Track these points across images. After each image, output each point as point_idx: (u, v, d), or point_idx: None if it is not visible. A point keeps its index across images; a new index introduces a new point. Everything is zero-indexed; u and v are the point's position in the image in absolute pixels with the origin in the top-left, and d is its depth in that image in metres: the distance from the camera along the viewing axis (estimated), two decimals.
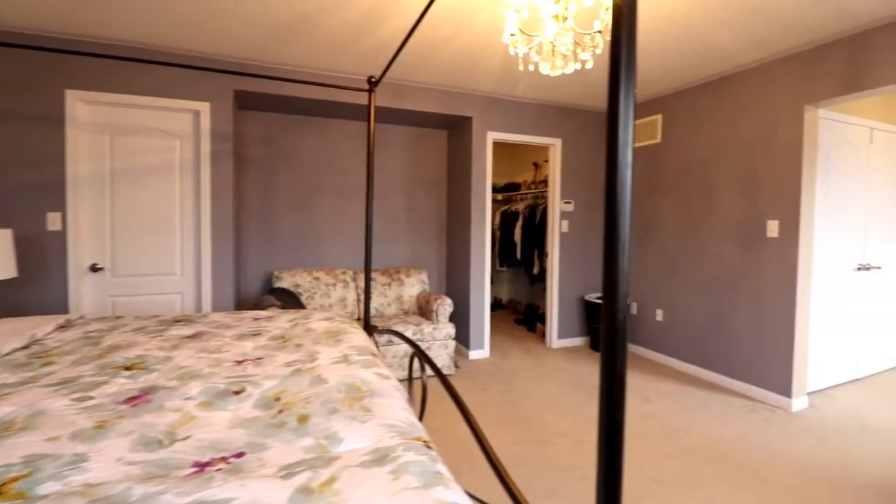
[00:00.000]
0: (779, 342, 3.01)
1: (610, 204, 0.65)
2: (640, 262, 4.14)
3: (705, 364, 3.51)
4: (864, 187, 3.46)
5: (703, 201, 3.56)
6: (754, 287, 3.17)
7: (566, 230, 4.33)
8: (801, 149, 2.91)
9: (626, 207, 0.65)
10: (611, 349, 0.66)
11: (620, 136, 0.65)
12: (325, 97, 3.35)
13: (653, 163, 4.03)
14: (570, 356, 4.06)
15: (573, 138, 4.35)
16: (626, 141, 0.65)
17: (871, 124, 3.49)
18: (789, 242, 2.96)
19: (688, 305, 3.67)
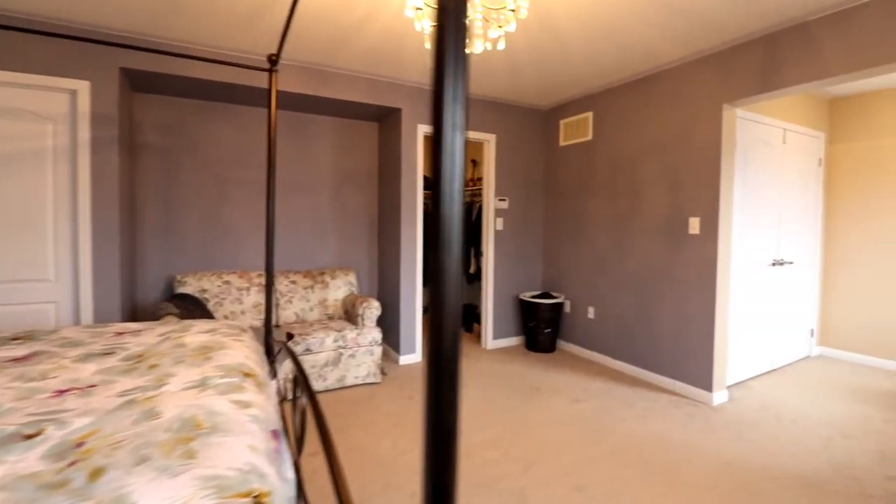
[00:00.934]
0: (700, 337, 3.05)
1: (437, 198, 0.47)
2: (573, 260, 4.12)
3: (634, 360, 3.52)
4: (777, 186, 3.61)
5: (631, 199, 3.57)
6: (678, 283, 3.20)
7: (501, 228, 4.23)
8: (719, 147, 2.95)
9: (454, 202, 0.47)
10: (436, 388, 0.47)
11: (447, 119, 0.47)
12: (232, 79, 3.02)
13: (585, 160, 4.01)
14: (504, 357, 3.96)
15: (508, 134, 4.25)
16: (454, 124, 0.47)
17: (785, 125, 3.64)
18: (709, 239, 3.00)
19: (617, 302, 3.68)
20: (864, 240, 3.89)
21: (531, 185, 4.42)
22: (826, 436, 2.54)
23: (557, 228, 4.31)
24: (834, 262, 4.07)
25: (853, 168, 3.96)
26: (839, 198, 4.05)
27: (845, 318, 4.00)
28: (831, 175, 4.10)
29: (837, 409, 2.92)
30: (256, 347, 1.76)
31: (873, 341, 3.83)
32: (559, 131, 4.30)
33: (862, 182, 3.91)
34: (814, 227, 4.02)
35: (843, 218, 4.02)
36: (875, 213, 3.83)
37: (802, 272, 3.94)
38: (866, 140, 3.88)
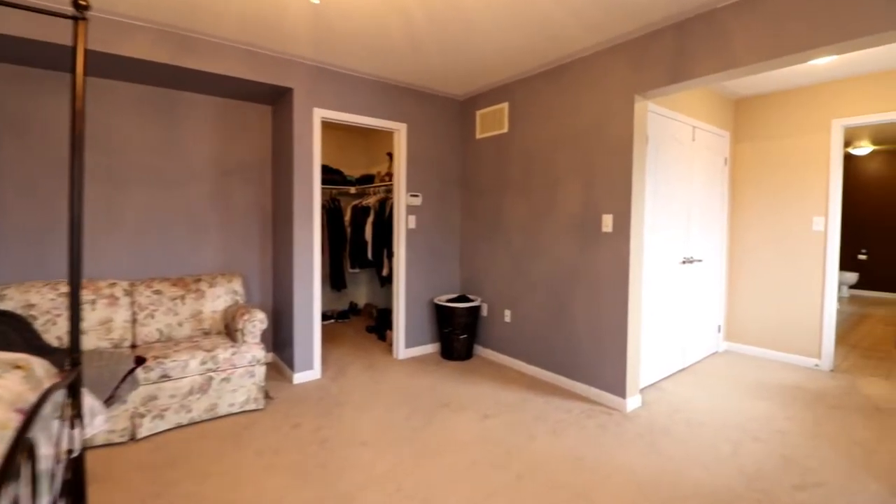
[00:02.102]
0: (613, 340, 2.89)
1: None
2: (490, 260, 3.86)
3: (549, 366, 3.33)
4: (687, 184, 3.58)
5: (546, 195, 3.36)
6: (592, 284, 3.03)
7: (414, 226, 3.88)
8: (631, 141, 2.80)
9: None
10: None
11: None
12: (47, 36, 2.37)
13: (501, 154, 3.76)
14: (416, 368, 3.61)
15: (421, 124, 3.90)
16: None
17: (694, 123, 3.62)
18: (622, 237, 2.84)
19: (533, 305, 3.46)
20: (764, 237, 4.00)
21: (447, 180, 4.11)
22: (735, 440, 2.45)
23: (475, 226, 4.04)
24: (737, 259, 4.17)
25: (755, 167, 4.07)
26: (742, 196, 4.15)
27: (748, 314, 4.11)
28: (735, 174, 4.19)
29: (744, 407, 2.89)
30: (21, 393, 1.24)
31: (772, 335, 3.95)
32: (475, 123, 4.02)
33: (762, 180, 4.02)
34: (720, 225, 4.08)
35: (746, 216, 4.12)
36: (773, 210, 3.95)
37: (711, 270, 3.97)
38: (767, 139, 3.99)
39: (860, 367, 3.73)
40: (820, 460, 2.25)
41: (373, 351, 4.05)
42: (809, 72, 3.42)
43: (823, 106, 3.66)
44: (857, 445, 2.40)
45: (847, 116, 3.54)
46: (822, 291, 3.68)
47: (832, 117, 3.62)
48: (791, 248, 3.85)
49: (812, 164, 3.73)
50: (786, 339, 3.87)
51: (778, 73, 3.48)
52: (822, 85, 3.67)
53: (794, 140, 3.82)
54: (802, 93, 3.77)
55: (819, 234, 3.70)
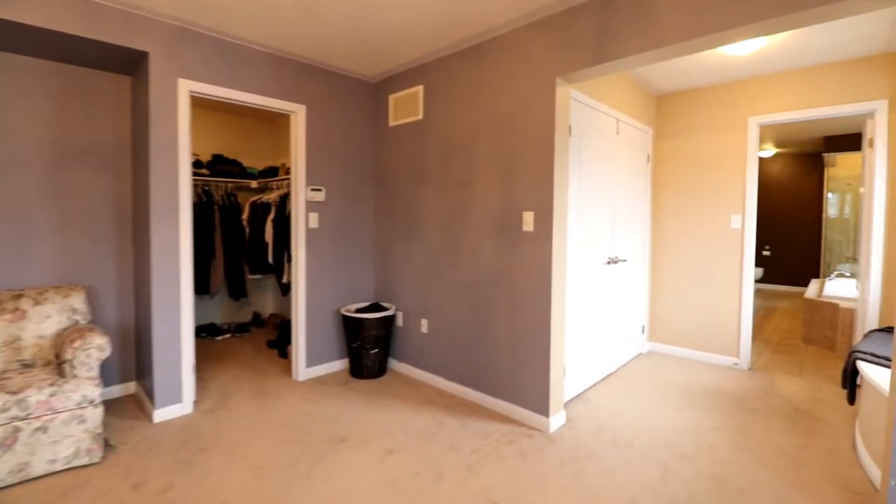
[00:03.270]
0: (535, 352, 2.58)
1: None
2: (407, 263, 3.43)
3: (469, 382, 2.97)
4: (612, 180, 3.38)
5: (465, 190, 2.99)
6: (513, 288, 2.70)
7: (316, 225, 3.35)
8: (552, 129, 2.49)
9: None
10: None
11: None
12: None
13: (416, 143, 3.34)
14: (318, 391, 3.10)
15: (324, 108, 3.38)
16: None
17: (618, 115, 3.43)
18: (544, 236, 2.53)
19: (451, 313, 3.08)
20: (685, 235, 3.94)
21: (358, 173, 3.62)
22: (664, 461, 2.22)
23: (390, 226, 3.58)
24: (660, 258, 4.09)
25: (676, 164, 3.99)
26: (664, 194, 4.06)
27: (670, 314, 4.03)
28: (657, 171, 4.10)
29: (670, 417, 2.70)
30: None
31: (693, 335, 3.89)
32: (389, 109, 3.57)
33: (683, 178, 3.95)
34: (644, 224, 3.96)
35: (668, 214, 4.04)
36: (693, 208, 3.89)
37: (635, 270, 3.84)
38: (687, 137, 3.92)
39: (774, 364, 3.76)
40: (750, 479, 2.06)
41: (269, 371, 3.47)
42: (727, 66, 3.34)
43: (740, 103, 3.63)
44: (784, 457, 2.26)
45: (762, 114, 3.52)
46: (740, 289, 3.65)
47: (748, 115, 3.59)
48: (710, 246, 3.80)
49: (730, 161, 3.69)
50: (706, 338, 3.82)
51: (697, 68, 3.38)
52: (739, 82, 3.63)
53: (713, 138, 3.77)
54: (720, 90, 3.73)
55: (737, 231, 3.68)
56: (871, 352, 2.45)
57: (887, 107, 2.98)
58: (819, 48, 3.00)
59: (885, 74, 2.99)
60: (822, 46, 2.97)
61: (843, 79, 3.16)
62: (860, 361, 2.39)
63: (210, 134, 4.65)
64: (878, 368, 2.28)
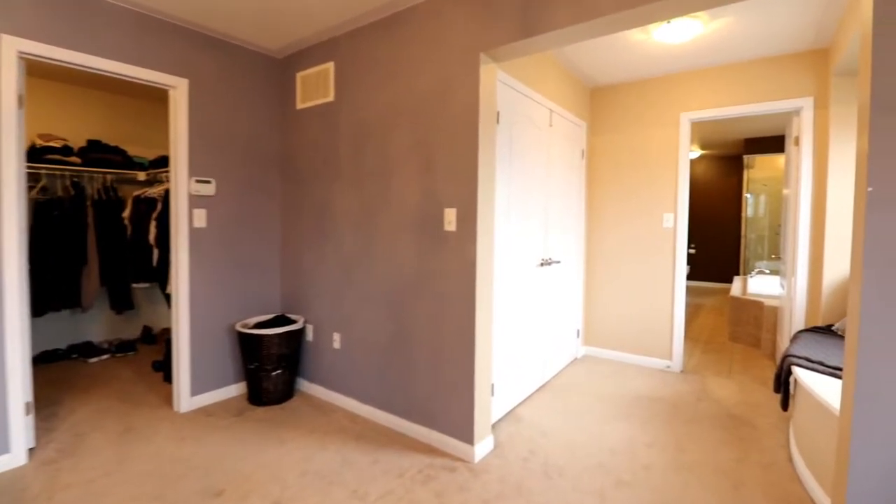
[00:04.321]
0: (459, 368, 2.24)
1: None
2: (318, 268, 2.97)
3: (385, 405, 2.57)
4: (545, 175, 3.12)
5: (381, 183, 2.59)
6: (435, 296, 2.34)
7: (203, 224, 2.80)
8: (476, 113, 2.15)
9: None
10: None
11: None
12: None
13: (327, 130, 2.89)
14: (203, 426, 2.56)
15: (214, 82, 2.83)
16: None
17: (552, 106, 3.18)
18: (467, 237, 2.19)
19: (367, 325, 2.67)
20: (619, 234, 3.79)
21: (261, 162, 3.10)
22: (599, 489, 1.96)
23: (299, 224, 3.10)
24: (594, 258, 3.92)
25: (610, 161, 3.83)
26: (598, 192, 3.90)
27: (604, 316, 3.88)
28: (592, 168, 3.93)
29: (605, 433, 2.47)
30: None
31: (626, 338, 3.76)
32: (296, 88, 3.08)
33: (617, 176, 3.80)
34: (578, 223, 3.77)
35: (602, 212, 3.88)
36: (627, 207, 3.75)
37: (569, 271, 3.63)
38: (621, 132, 3.77)
39: (705, 365, 3.70)
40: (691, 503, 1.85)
41: (145, 402, 2.86)
42: (662, 58, 3.19)
43: (673, 99, 3.52)
44: (722, 475, 2.08)
45: (694, 110, 3.43)
46: (672, 290, 3.55)
47: (681, 111, 3.48)
48: (644, 245, 3.67)
49: (663, 159, 3.58)
50: (639, 340, 3.70)
51: (632, 60, 3.20)
52: (672, 77, 3.52)
53: (646, 133, 3.64)
54: (654, 84, 3.60)
55: (669, 231, 3.57)
56: (805, 356, 2.34)
57: (813, 105, 2.96)
58: (749, 43, 2.91)
59: (812, 72, 2.96)
60: (752, 41, 2.88)
61: (771, 75, 3.11)
62: (796, 368, 2.27)
63: (87, 116, 3.89)
64: (814, 375, 2.16)
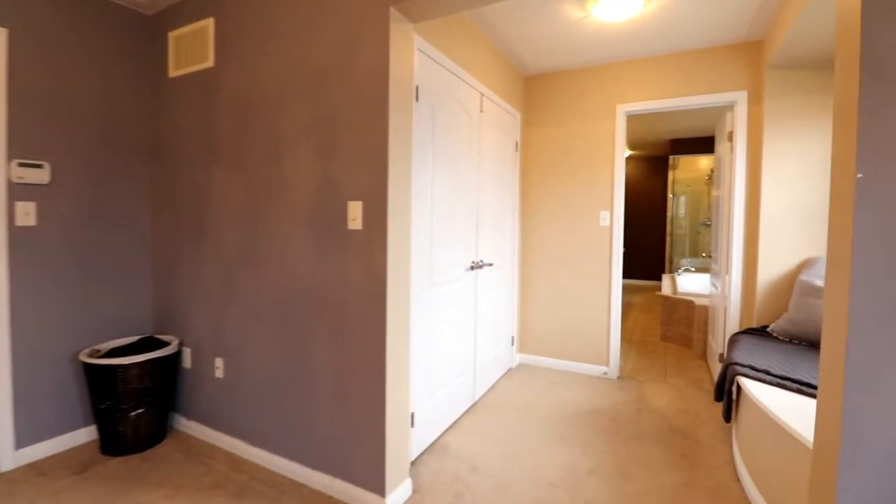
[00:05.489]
0: (367, 398, 1.80)
1: None
2: (196, 276, 2.38)
3: (278, 447, 2.07)
4: (476, 166, 2.76)
5: (271, 168, 2.08)
6: (337, 310, 1.88)
7: (32, 222, 2.12)
8: (386, 84, 1.73)
9: None
10: None
11: None
12: None
13: (206, 104, 2.31)
14: (29, 492, 1.91)
15: (51, 35, 2.16)
16: None
17: (483, 89, 2.82)
18: (376, 236, 1.76)
19: (254, 348, 2.15)
20: (555, 233, 3.54)
21: (118, 142, 2.45)
22: None
23: (173, 220, 2.48)
24: (529, 259, 3.65)
25: (545, 155, 3.57)
26: (533, 188, 3.62)
27: (540, 321, 3.62)
28: (526, 162, 3.65)
29: (543, 461, 2.16)
30: None
31: (563, 343, 3.52)
32: (168, 51, 2.47)
33: (552, 171, 3.54)
34: (512, 222, 3.47)
35: (537, 210, 3.61)
36: (563, 204, 3.50)
37: (503, 274, 3.31)
38: (556, 124, 3.51)
39: (641, 369, 3.56)
40: None
41: None
42: (598, 44, 2.95)
43: (609, 89, 3.31)
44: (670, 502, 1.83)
45: (630, 102, 3.24)
46: (609, 291, 3.35)
47: (617, 102, 3.29)
48: (580, 245, 3.45)
49: (599, 153, 3.36)
50: (576, 346, 3.47)
51: (568, 45, 2.94)
52: (608, 66, 3.31)
53: (582, 126, 3.41)
54: (590, 73, 3.38)
55: (605, 229, 3.37)
56: (749, 364, 2.17)
57: (747, 99, 2.85)
58: (686, 30, 2.74)
59: (746, 64, 2.86)
60: (688, 29, 2.72)
61: (707, 68, 2.98)
62: (742, 378, 2.08)
63: None
64: (761, 386, 1.97)
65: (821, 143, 2.63)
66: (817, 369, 2.07)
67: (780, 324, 2.63)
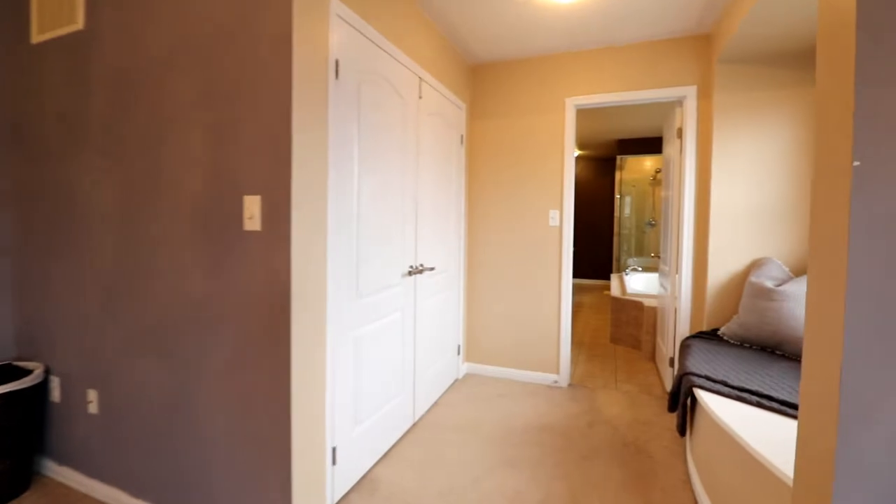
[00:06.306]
0: (268, 442, 1.46)
1: None
2: (66, 289, 1.93)
3: (164, 498, 1.68)
4: (413, 159, 2.47)
5: (152, 156, 1.68)
6: (233, 331, 1.53)
7: None
8: (289, 52, 1.40)
9: None
10: None
11: None
12: None
13: (75, 76, 1.87)
14: None
15: None
16: None
17: (422, 73, 2.54)
18: (278, 239, 1.43)
19: (134, 377, 1.74)
20: (503, 234, 3.32)
21: None
22: None
23: (36, 220, 2.01)
24: (476, 261, 3.41)
25: (492, 149, 3.34)
26: (480, 185, 3.39)
27: (487, 328, 3.39)
28: (472, 157, 3.41)
29: (488, 492, 1.90)
30: None
31: (511, 350, 3.31)
32: (31, 11, 2.00)
33: (500, 167, 3.32)
34: (457, 221, 3.21)
35: (484, 209, 3.38)
36: (511, 203, 3.29)
37: (448, 278, 3.04)
38: (504, 117, 3.29)
39: (591, 375, 3.41)
40: None
41: None
42: (546, 27, 2.75)
43: (558, 81, 3.13)
44: None
45: (579, 95, 3.07)
46: (559, 294, 3.17)
47: (566, 95, 3.11)
48: (529, 246, 3.25)
49: (548, 148, 3.17)
50: (525, 354, 3.27)
51: (515, 31, 2.71)
52: (556, 56, 3.12)
53: (531, 119, 3.21)
54: (538, 63, 3.18)
55: (555, 229, 3.19)
56: (705, 374, 2.02)
57: (697, 94, 2.75)
58: (635, 23, 2.59)
59: (696, 58, 2.75)
60: (638, 21, 2.57)
61: (657, 61, 2.86)
62: (700, 391, 1.92)
63: None
64: (719, 399, 1.82)
65: (772, 139, 2.56)
66: (773, 378, 1.95)
67: (731, 327, 2.53)
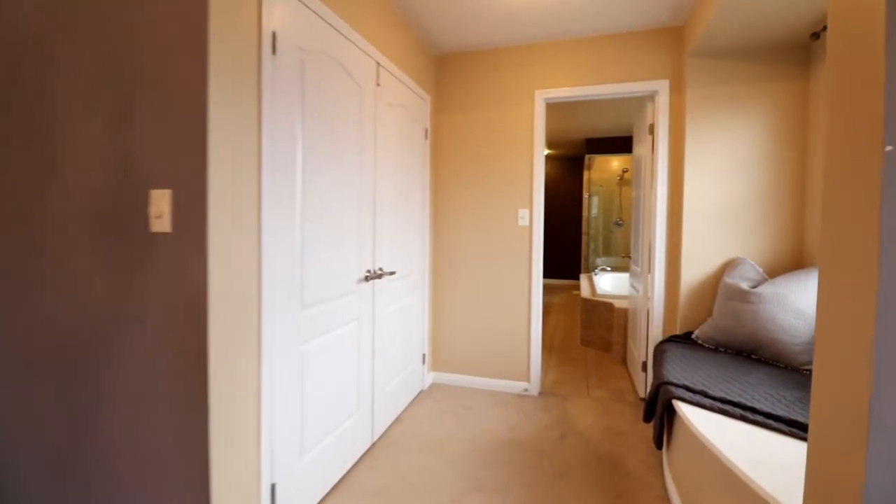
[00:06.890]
0: (184, 485, 1.21)
1: None
2: None
3: None
4: (371, 153, 2.23)
5: (41, 142, 1.38)
6: (138, 356, 1.25)
7: None
8: (205, 18, 1.15)
9: None
10: None
11: None
12: None
13: None
14: None
15: None
16: None
17: (380, 58, 2.31)
18: (192, 241, 1.17)
19: (22, 413, 1.44)
20: (470, 234, 3.13)
21: None
22: None
23: None
24: (440, 265, 3.21)
25: (458, 145, 3.14)
26: (445, 182, 3.18)
27: (453, 335, 3.19)
28: (437, 153, 3.20)
29: None
30: None
31: (479, 358, 3.13)
32: None
33: (467, 163, 3.13)
34: (421, 222, 2.99)
35: (450, 208, 3.18)
36: (479, 201, 3.10)
37: (410, 282, 2.82)
38: (471, 110, 3.10)
39: (562, 381, 3.27)
40: None
41: None
42: (515, 15, 2.57)
43: (527, 73, 2.96)
44: None
45: (549, 88, 2.91)
46: (529, 297, 3.01)
47: (535, 88, 2.95)
48: (498, 247, 3.07)
49: (517, 143, 3.01)
50: (494, 361, 3.09)
51: (480, 24, 2.52)
52: (526, 47, 2.96)
53: (498, 113, 3.03)
54: (507, 54, 3.00)
55: (525, 229, 3.02)
56: (684, 384, 1.89)
57: (669, 88, 2.64)
58: (606, 13, 2.45)
59: (668, 51, 2.64)
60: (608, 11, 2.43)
61: (628, 53, 2.73)
62: (679, 403, 1.78)
63: None
64: (702, 414, 1.68)
65: (747, 136, 2.47)
66: (754, 385, 1.84)
67: (706, 330, 2.43)
